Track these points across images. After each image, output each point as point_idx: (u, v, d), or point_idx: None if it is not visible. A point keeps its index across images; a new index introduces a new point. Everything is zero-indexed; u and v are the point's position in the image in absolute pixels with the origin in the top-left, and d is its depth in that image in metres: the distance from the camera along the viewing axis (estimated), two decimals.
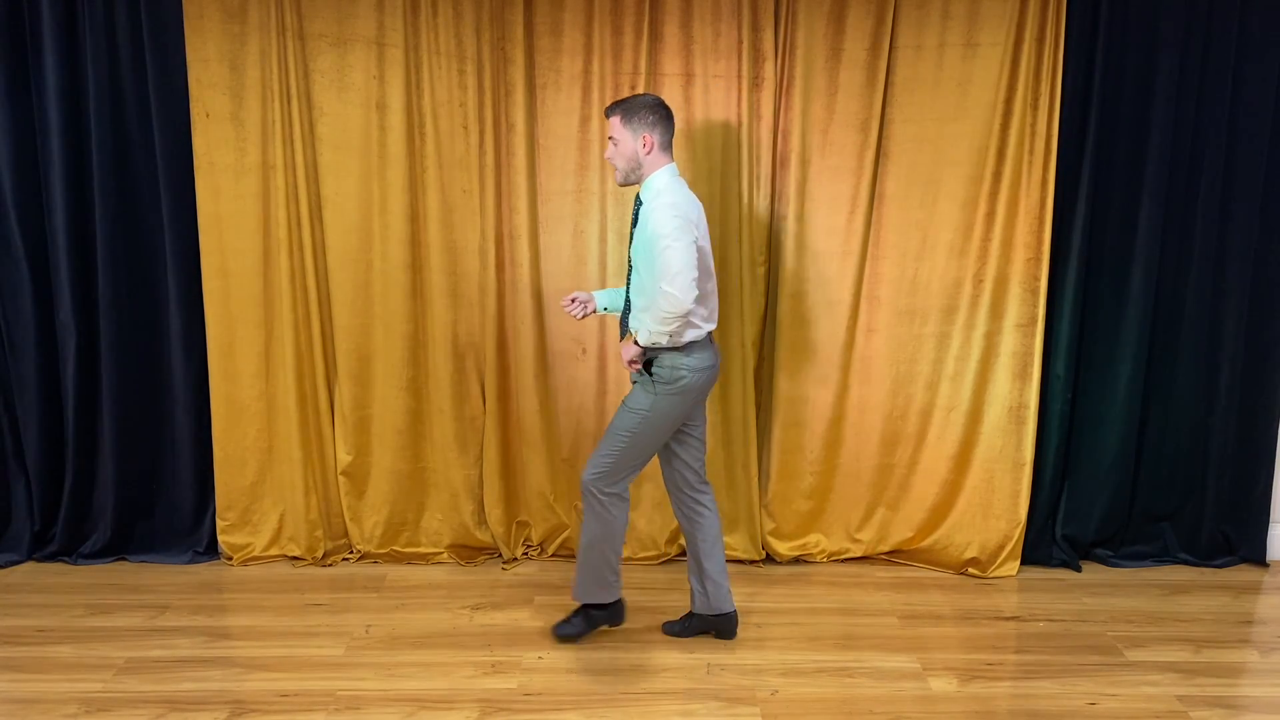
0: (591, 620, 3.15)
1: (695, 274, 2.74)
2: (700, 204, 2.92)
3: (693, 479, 3.08)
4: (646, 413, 2.89)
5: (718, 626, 3.17)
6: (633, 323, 2.93)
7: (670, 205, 2.77)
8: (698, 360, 2.88)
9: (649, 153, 2.86)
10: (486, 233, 3.60)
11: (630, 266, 2.96)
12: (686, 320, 2.80)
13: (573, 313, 3.07)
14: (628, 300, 2.98)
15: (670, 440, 3.03)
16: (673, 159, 2.92)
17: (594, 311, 3.11)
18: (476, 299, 3.65)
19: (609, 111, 2.89)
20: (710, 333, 2.94)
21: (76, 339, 3.57)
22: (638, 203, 2.92)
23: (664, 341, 2.83)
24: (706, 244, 2.90)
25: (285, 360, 3.60)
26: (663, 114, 2.87)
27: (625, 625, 3.26)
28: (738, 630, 3.18)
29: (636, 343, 2.90)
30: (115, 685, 2.86)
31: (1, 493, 3.72)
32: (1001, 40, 3.41)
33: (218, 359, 3.61)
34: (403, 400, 3.68)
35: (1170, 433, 3.73)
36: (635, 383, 2.96)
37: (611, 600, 3.12)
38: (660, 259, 2.73)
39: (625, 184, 2.93)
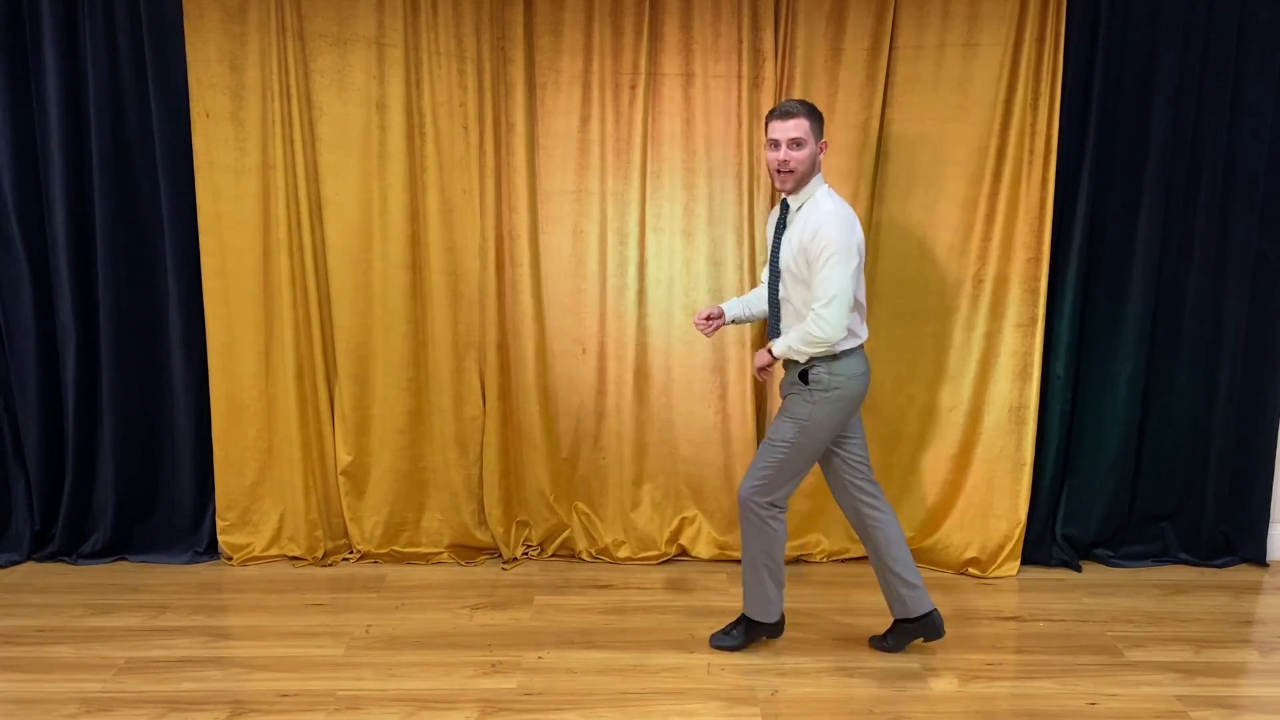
0: (752, 633, 3.09)
1: (851, 300, 2.70)
2: (853, 208, 2.85)
3: (864, 484, 3.00)
4: (806, 422, 2.84)
5: (923, 631, 3.04)
6: (782, 326, 2.91)
7: (837, 215, 2.71)
8: (854, 366, 2.85)
9: (821, 157, 2.82)
10: (486, 233, 3.60)
11: (776, 274, 2.89)
12: (826, 349, 2.76)
13: (706, 332, 3.05)
14: (775, 303, 2.92)
15: (831, 449, 2.97)
16: None
17: (724, 324, 3.08)
18: (476, 299, 3.65)
19: (790, 110, 2.75)
20: (861, 343, 2.89)
21: (76, 339, 3.57)
22: (784, 207, 2.88)
23: (800, 359, 2.80)
24: (864, 254, 2.82)
25: (285, 360, 3.60)
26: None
27: (626, 625, 3.26)
28: (944, 629, 3.04)
29: (770, 351, 2.86)
30: (115, 685, 2.86)
31: (1, 493, 3.72)
32: (1001, 40, 3.41)
33: (218, 359, 3.61)
34: (403, 400, 3.68)
35: (1170, 433, 3.73)
36: (786, 393, 2.91)
37: (772, 620, 3.06)
38: (823, 277, 2.68)
39: (792, 191, 2.81)
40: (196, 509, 3.78)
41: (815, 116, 2.79)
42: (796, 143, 2.75)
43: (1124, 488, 3.75)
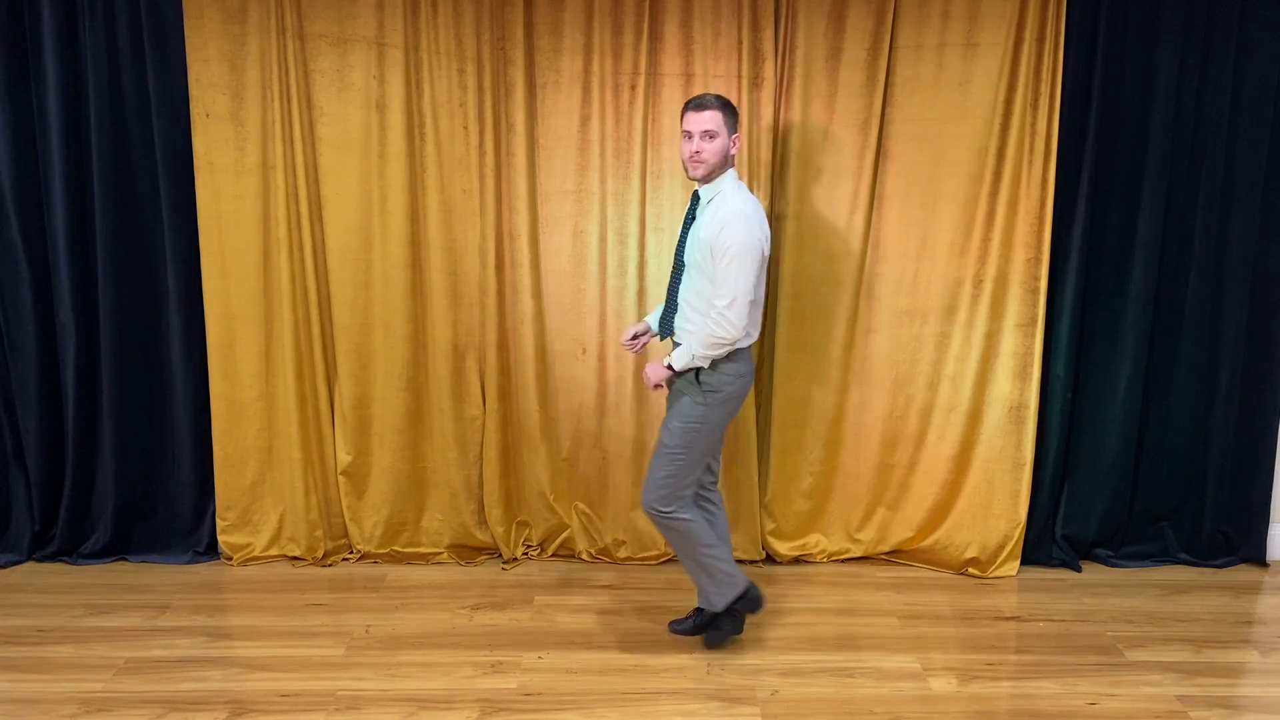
0: (733, 615, 3.08)
1: (751, 298, 2.72)
2: (760, 203, 2.88)
3: (708, 479, 3.08)
4: (700, 424, 2.86)
5: (745, 606, 3.09)
6: (676, 322, 2.92)
7: (741, 215, 2.72)
8: (743, 366, 2.88)
9: (734, 152, 2.86)
10: (486, 233, 3.60)
11: (679, 266, 2.92)
12: (727, 351, 2.78)
13: (633, 350, 3.07)
14: (674, 300, 2.94)
15: None
16: None
17: (650, 339, 3.10)
18: (476, 299, 3.65)
19: (705, 103, 2.78)
20: (751, 342, 2.91)
21: (76, 339, 3.57)
22: (695, 199, 2.90)
23: (704, 365, 2.81)
24: (769, 250, 2.85)
25: (285, 360, 3.60)
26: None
27: (625, 625, 3.26)
28: (763, 601, 3.12)
29: (670, 367, 2.86)
30: (115, 685, 2.86)
31: (1, 493, 3.72)
32: (1001, 40, 3.41)
33: (218, 359, 3.61)
34: (403, 400, 3.68)
35: (1170, 433, 3.73)
36: (676, 397, 2.92)
37: (742, 590, 3.04)
38: (725, 277, 2.70)
39: (703, 180, 2.84)
40: (196, 509, 3.78)
41: (730, 111, 2.82)
42: (709, 134, 2.79)
43: (1124, 488, 3.75)
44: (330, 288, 3.61)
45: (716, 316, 2.72)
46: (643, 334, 3.11)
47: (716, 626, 3.11)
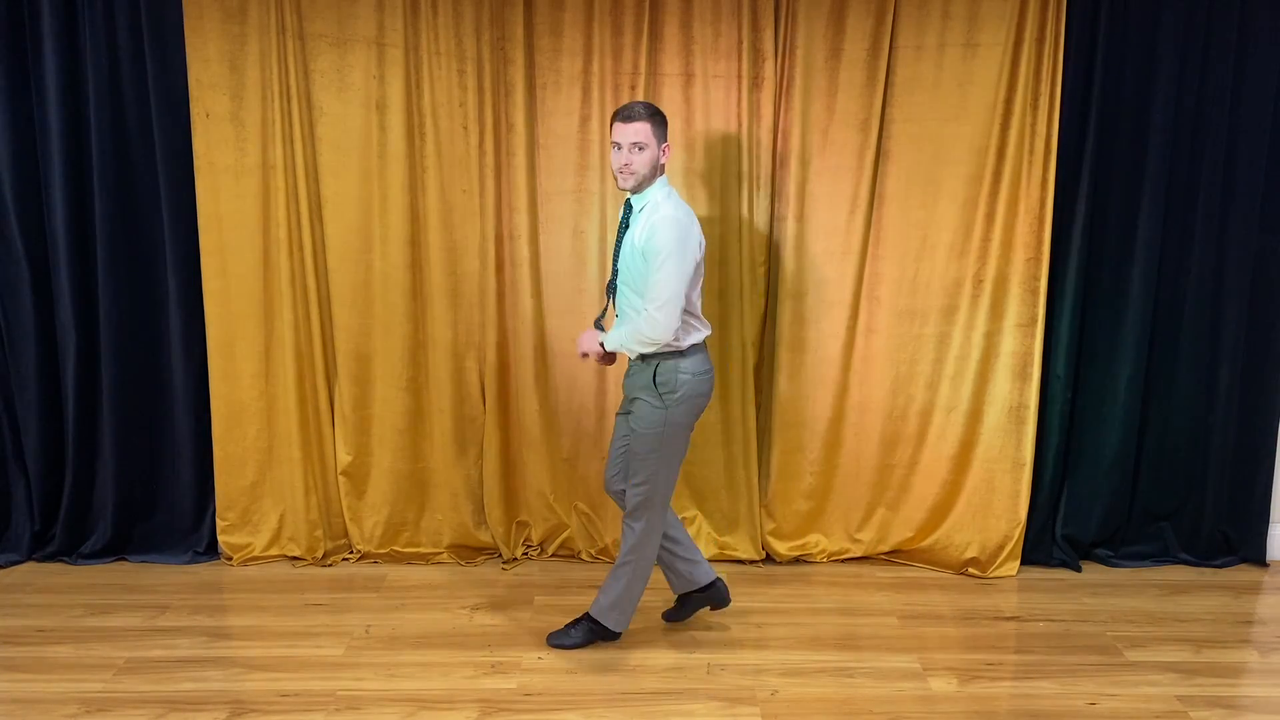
0: (590, 634, 3.10)
1: (683, 302, 2.75)
2: (692, 211, 2.89)
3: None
4: (663, 428, 2.87)
5: (711, 599, 3.17)
6: (609, 324, 2.96)
7: (673, 221, 2.74)
8: (699, 364, 2.89)
9: (664, 161, 2.85)
10: (486, 233, 3.60)
11: (615, 271, 2.95)
12: (656, 348, 2.80)
13: (592, 360, 3.07)
14: (610, 301, 2.98)
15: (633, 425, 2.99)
16: None
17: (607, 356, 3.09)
18: (476, 299, 3.65)
19: (633, 114, 2.78)
20: (705, 338, 2.93)
21: (76, 339, 3.57)
22: (627, 208, 2.92)
23: (631, 355, 2.86)
24: (702, 254, 2.87)
25: (285, 360, 3.60)
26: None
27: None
28: (729, 597, 3.20)
29: (603, 344, 2.89)
30: (115, 685, 2.86)
31: (1, 493, 3.72)
32: (1001, 40, 3.41)
33: (218, 359, 3.61)
34: (403, 400, 3.68)
35: (1170, 433, 3.73)
36: (632, 400, 2.93)
37: (704, 583, 3.12)
38: (655, 279, 2.72)
39: (635, 190, 2.86)
40: (196, 509, 3.78)
41: (659, 120, 2.82)
42: (638, 146, 2.79)
43: (1124, 488, 3.75)
44: (330, 288, 3.61)
45: (647, 317, 2.74)
46: (592, 347, 3.06)
47: (567, 632, 3.13)
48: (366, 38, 3.44)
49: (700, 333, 2.89)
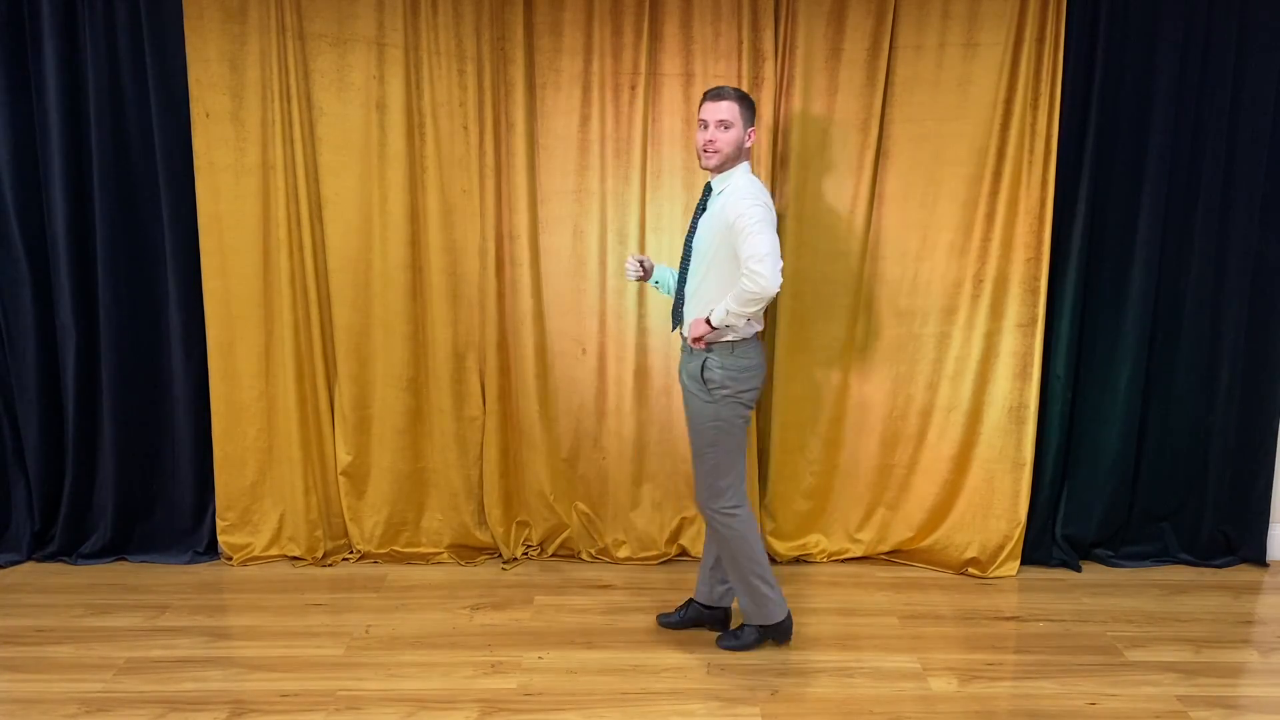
0: (760, 636, 3.10)
1: (781, 261, 2.71)
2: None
3: None
4: (715, 421, 2.87)
5: (711, 619, 3.19)
6: (687, 313, 2.93)
7: (754, 196, 2.75)
8: (749, 361, 2.87)
9: (749, 145, 2.86)
10: (486, 233, 3.60)
11: (687, 254, 2.93)
12: (762, 306, 2.75)
13: (630, 272, 3.03)
14: (680, 291, 2.96)
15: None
16: None
17: (645, 277, 3.07)
18: (476, 299, 3.65)
19: (722, 94, 2.80)
20: (758, 332, 2.92)
21: (76, 339, 3.57)
22: (707, 190, 2.91)
23: (740, 324, 2.80)
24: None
25: (285, 360, 3.60)
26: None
27: (625, 625, 3.26)
28: (730, 626, 3.19)
29: (709, 320, 2.83)
30: (115, 685, 2.86)
31: (1, 493, 3.72)
32: (1001, 40, 3.41)
33: (218, 359, 3.61)
34: (403, 400, 3.68)
35: (1170, 433, 3.73)
36: (687, 397, 2.93)
37: (777, 621, 3.07)
38: (748, 242, 2.69)
39: (716, 170, 2.85)
40: (196, 509, 3.78)
41: (747, 104, 2.84)
42: (724, 124, 2.80)
43: (1124, 488, 3.75)
44: (330, 288, 3.61)
45: (747, 273, 2.68)
46: (648, 269, 3.07)
47: (737, 635, 3.12)
48: (366, 38, 3.44)
49: (753, 327, 2.88)
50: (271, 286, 3.59)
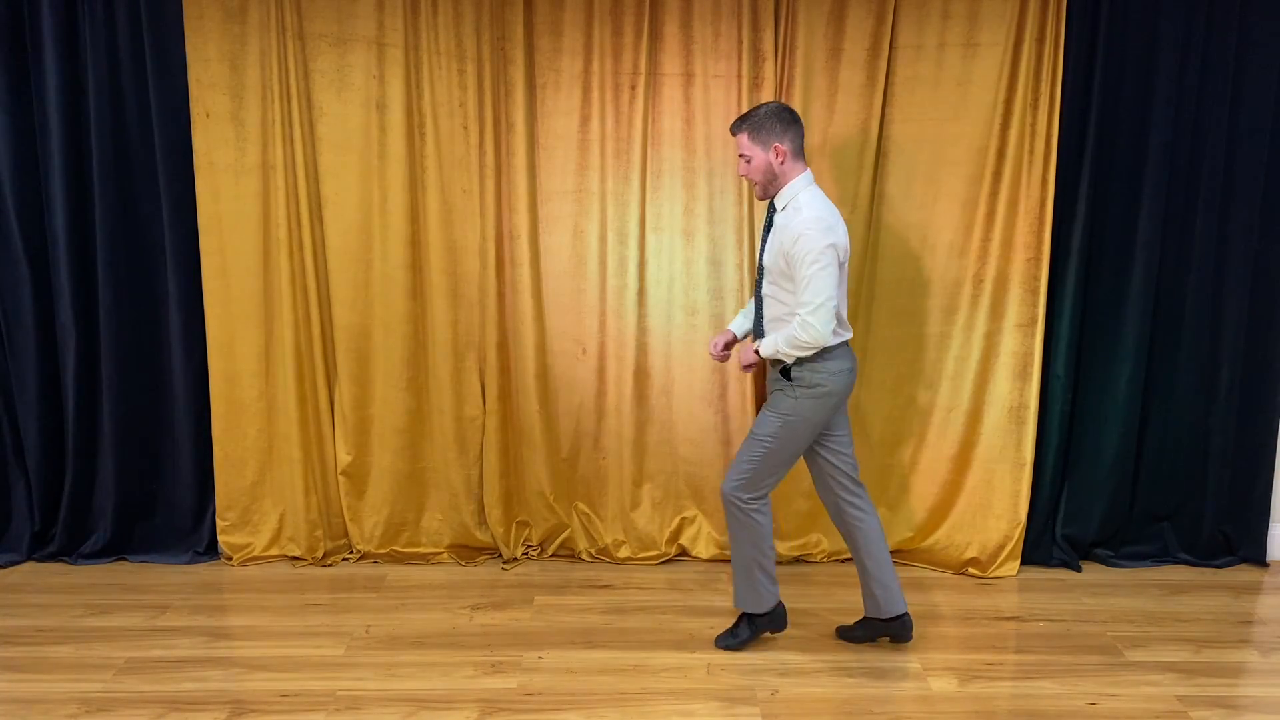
0: (755, 627, 3.10)
1: (836, 303, 2.72)
2: (838, 210, 2.85)
3: (847, 482, 3.01)
4: (790, 417, 2.86)
5: (891, 631, 3.08)
6: (766, 329, 2.93)
7: (818, 220, 2.72)
8: (837, 364, 2.86)
9: (783, 162, 2.81)
10: (486, 233, 3.60)
11: (761, 270, 2.93)
12: (813, 351, 2.78)
13: (724, 360, 3.08)
14: (760, 304, 2.95)
15: (816, 446, 2.99)
16: (807, 165, 2.87)
17: (733, 342, 3.10)
18: (476, 299, 3.65)
19: (735, 129, 2.83)
20: (846, 340, 2.90)
21: (76, 339, 3.57)
22: (771, 209, 2.90)
23: (788, 360, 2.82)
24: (847, 255, 2.84)
25: (285, 360, 3.60)
26: (789, 119, 2.81)
27: (626, 625, 3.26)
28: (913, 633, 3.09)
29: (757, 351, 2.88)
30: (115, 685, 2.86)
31: (1, 493, 3.72)
32: (1001, 40, 3.41)
33: (218, 359, 3.61)
34: (403, 400, 3.68)
35: (1170, 433, 3.73)
36: (772, 391, 2.93)
37: (769, 609, 3.07)
38: (807, 285, 2.70)
39: (765, 198, 2.88)
40: (196, 509, 3.78)
41: (759, 126, 2.79)
42: (744, 159, 2.83)
43: (1124, 488, 3.75)
44: (330, 288, 3.61)
45: (799, 322, 2.72)
46: (731, 343, 3.11)
47: (735, 634, 3.11)
48: (366, 37, 3.44)
49: (842, 336, 2.86)
50: (271, 286, 3.59)
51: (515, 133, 3.51)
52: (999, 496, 3.66)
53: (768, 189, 2.86)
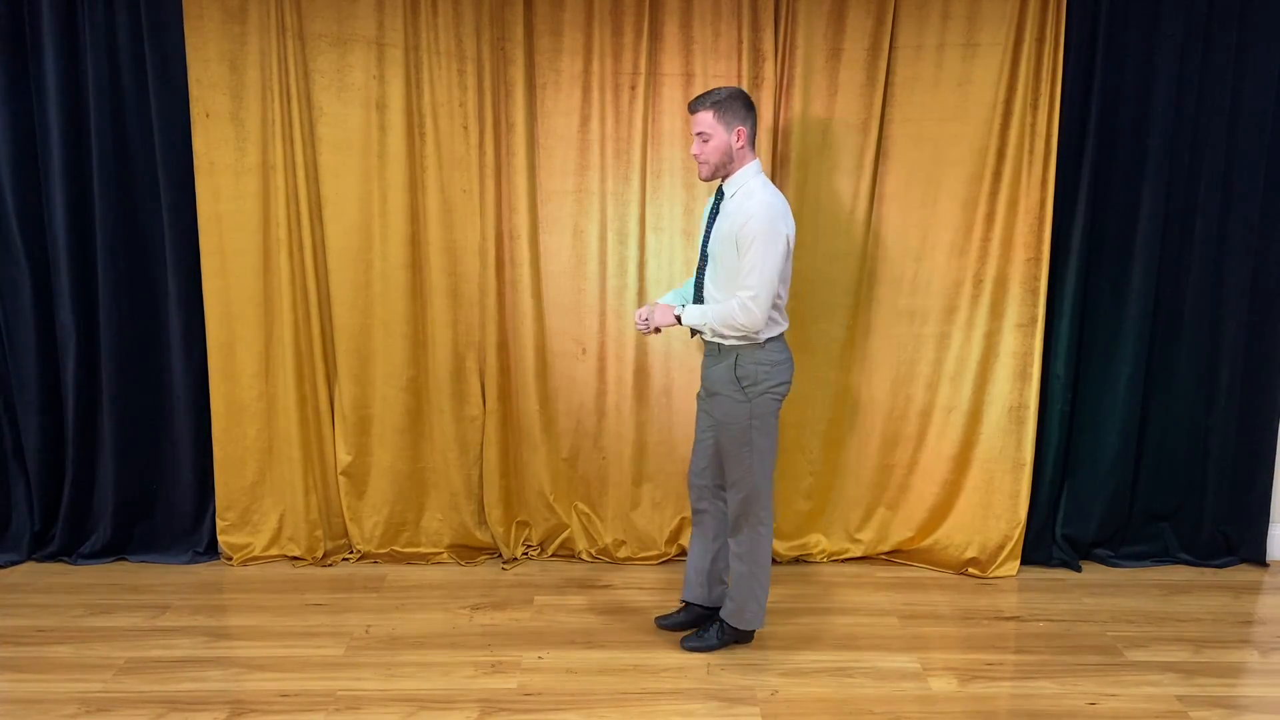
0: (726, 638, 3.10)
1: (776, 289, 2.73)
2: (786, 199, 2.86)
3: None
4: (749, 420, 2.86)
5: (710, 620, 3.15)
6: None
7: (770, 206, 2.73)
8: (777, 355, 2.87)
9: (741, 146, 2.82)
10: (486, 232, 3.60)
11: (704, 257, 2.92)
12: (741, 335, 2.79)
13: (646, 331, 3.02)
14: (700, 290, 2.94)
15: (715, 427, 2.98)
16: (757, 155, 2.88)
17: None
18: (476, 299, 3.65)
19: (696, 106, 2.80)
20: (782, 332, 2.91)
21: (76, 339, 3.57)
22: (719, 195, 2.91)
23: (706, 335, 2.83)
24: (793, 242, 2.84)
25: (285, 360, 3.60)
26: (749, 105, 2.83)
27: (625, 625, 3.26)
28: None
29: (679, 317, 2.86)
30: (115, 685, 2.86)
31: (1, 493, 3.72)
32: (1001, 40, 3.41)
33: (218, 359, 3.61)
34: (403, 400, 3.68)
35: (1170, 433, 3.73)
36: (712, 395, 2.92)
37: (750, 628, 3.09)
38: (753, 269, 2.70)
39: (710, 179, 2.87)
40: (196, 509, 3.78)
41: (725, 106, 2.78)
42: (703, 137, 2.80)
43: (1124, 488, 3.75)
44: (330, 288, 3.61)
45: (740, 305, 2.72)
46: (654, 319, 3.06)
47: (701, 636, 3.11)
48: (366, 37, 3.44)
49: (779, 326, 2.87)
50: (271, 286, 3.59)
51: (515, 133, 3.51)
52: (999, 496, 3.66)
53: (718, 171, 2.84)
